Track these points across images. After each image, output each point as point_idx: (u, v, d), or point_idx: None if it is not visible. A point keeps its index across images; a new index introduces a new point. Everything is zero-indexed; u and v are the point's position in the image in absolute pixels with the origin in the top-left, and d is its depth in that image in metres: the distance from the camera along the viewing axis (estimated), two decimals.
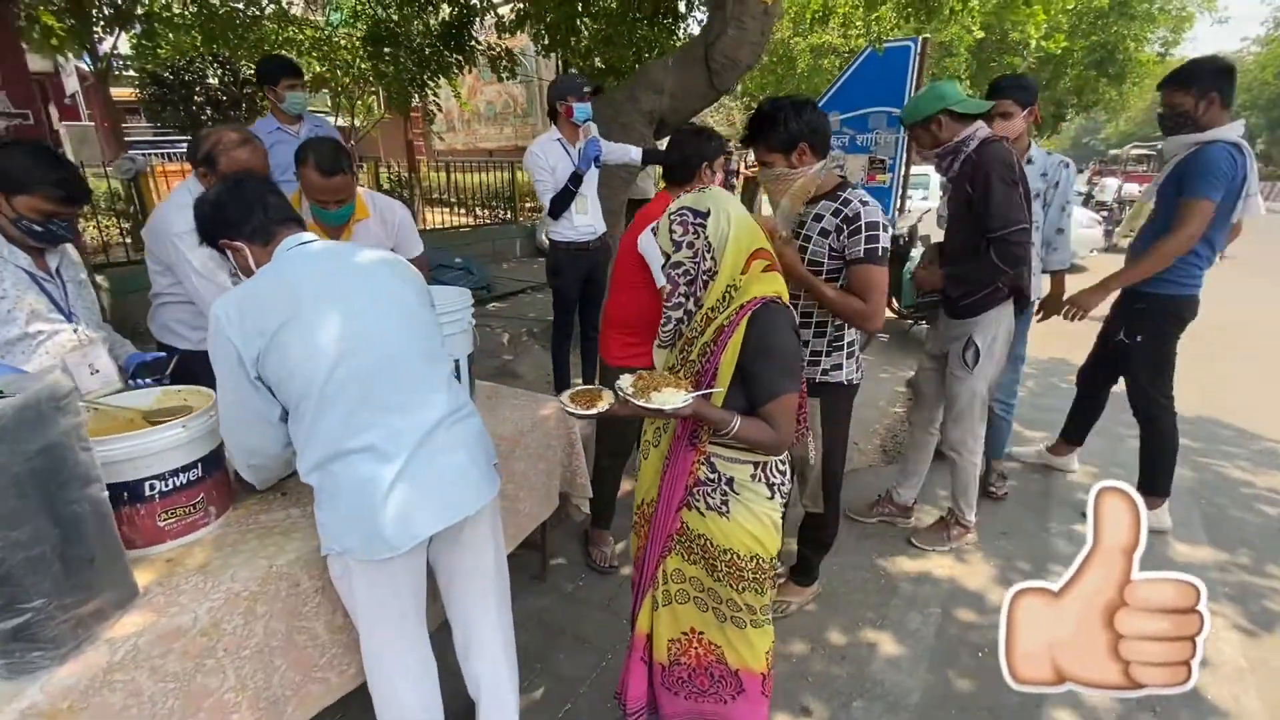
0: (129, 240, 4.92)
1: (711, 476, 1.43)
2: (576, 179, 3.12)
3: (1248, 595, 2.34)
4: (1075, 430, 3.14)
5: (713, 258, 1.34)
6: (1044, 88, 17.01)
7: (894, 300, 5.28)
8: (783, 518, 1.52)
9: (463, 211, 9.21)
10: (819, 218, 1.84)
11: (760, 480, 1.43)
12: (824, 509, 2.10)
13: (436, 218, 8.50)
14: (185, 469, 1.37)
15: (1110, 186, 11.56)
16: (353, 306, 1.28)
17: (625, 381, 1.32)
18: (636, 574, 1.59)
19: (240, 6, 6.29)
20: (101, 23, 5.57)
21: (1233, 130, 2.35)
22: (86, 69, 5.79)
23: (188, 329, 2.11)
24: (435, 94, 7.29)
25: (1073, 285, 2.82)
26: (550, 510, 2.28)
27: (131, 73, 6.63)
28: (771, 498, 1.46)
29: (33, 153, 1.59)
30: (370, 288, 1.33)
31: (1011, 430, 3.07)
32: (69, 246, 1.81)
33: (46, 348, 1.66)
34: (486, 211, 8.98)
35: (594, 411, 1.35)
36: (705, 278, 1.35)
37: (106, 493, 1.12)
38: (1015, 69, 16.33)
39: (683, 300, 1.37)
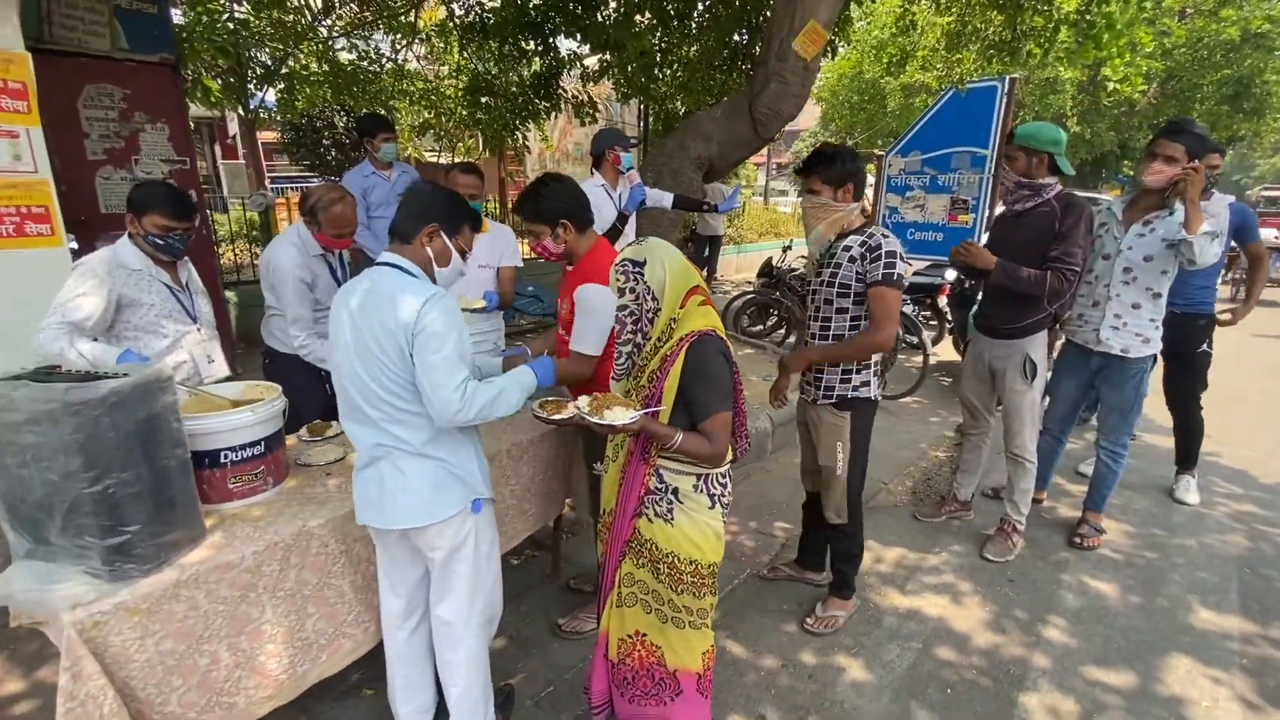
0: (256, 264, 5.79)
1: (659, 486, 1.66)
2: (623, 219, 3.40)
3: (1266, 669, 2.21)
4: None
5: (654, 298, 1.59)
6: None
7: (960, 340, 5.24)
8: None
9: None
10: (848, 249, 2.13)
11: (702, 491, 1.65)
12: (848, 519, 2.32)
13: (520, 248, 9.17)
14: (251, 445, 1.77)
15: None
16: (345, 326, 1.56)
17: (583, 401, 1.58)
18: (601, 577, 1.83)
19: (364, 65, 7.26)
20: (253, 81, 6.68)
21: None
22: (242, 115, 6.90)
23: (285, 335, 2.61)
24: (525, 137, 7.98)
25: None
26: (556, 512, 2.56)
27: (276, 119, 7.86)
28: (712, 507, 1.66)
29: (154, 185, 2.18)
30: (357, 318, 1.55)
31: (1117, 484, 3.02)
32: (190, 264, 2.34)
33: (180, 344, 2.24)
34: None
35: (559, 418, 1.61)
36: (650, 314, 1.61)
37: (189, 455, 1.52)
38: (1134, 105, 15.38)
39: (631, 336, 1.63)
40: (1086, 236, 2.51)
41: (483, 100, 7.43)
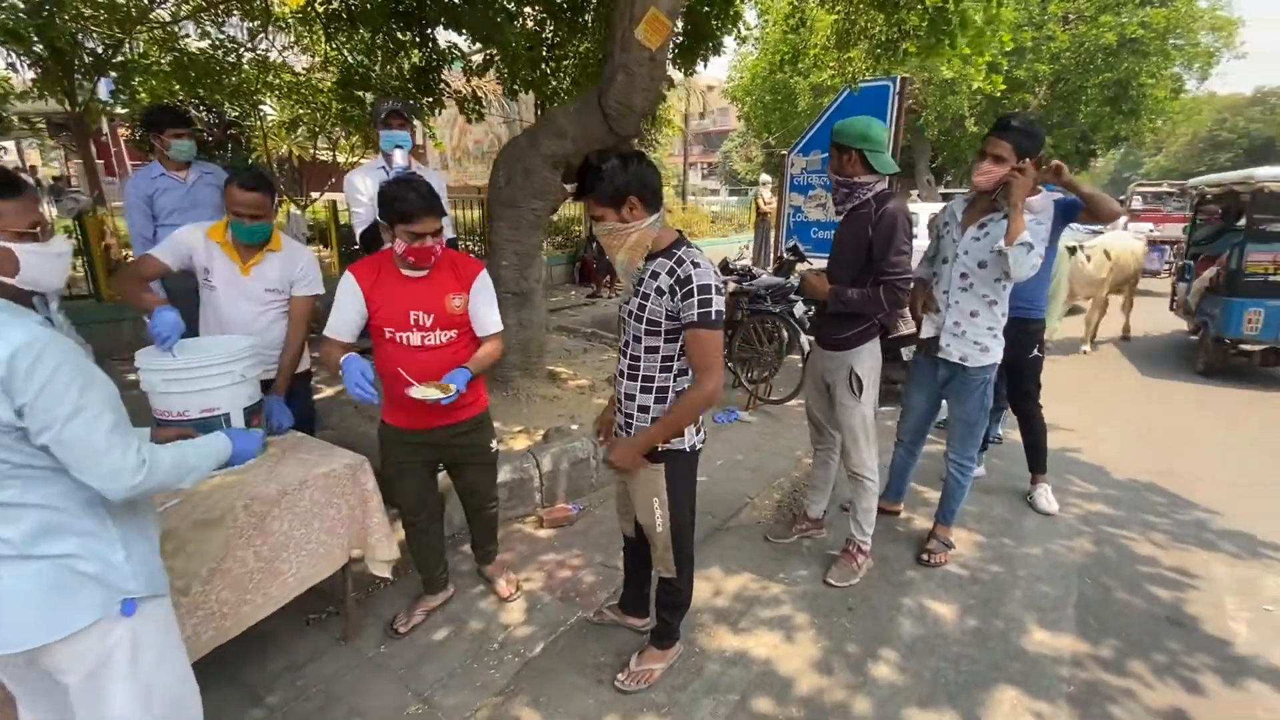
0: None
1: None
2: None
3: (1093, 697, 2.09)
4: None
5: None
6: (1059, 125, 16.71)
7: None
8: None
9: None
10: (655, 275, 1.78)
11: None
12: (675, 574, 2.05)
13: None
14: None
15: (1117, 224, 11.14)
16: None
17: None
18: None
19: (218, 55, 6.59)
20: (81, 72, 5.93)
21: None
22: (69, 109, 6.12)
23: None
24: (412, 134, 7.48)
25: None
26: (332, 569, 2.19)
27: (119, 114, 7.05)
28: None
29: None
30: None
31: (965, 496, 2.86)
32: None
33: None
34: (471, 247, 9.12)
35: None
36: None
37: None
38: (1027, 105, 16.13)
39: None
40: (906, 239, 2.33)
41: (358, 95, 6.90)
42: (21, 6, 4.65)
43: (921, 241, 3.10)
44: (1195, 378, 5.83)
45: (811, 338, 2.90)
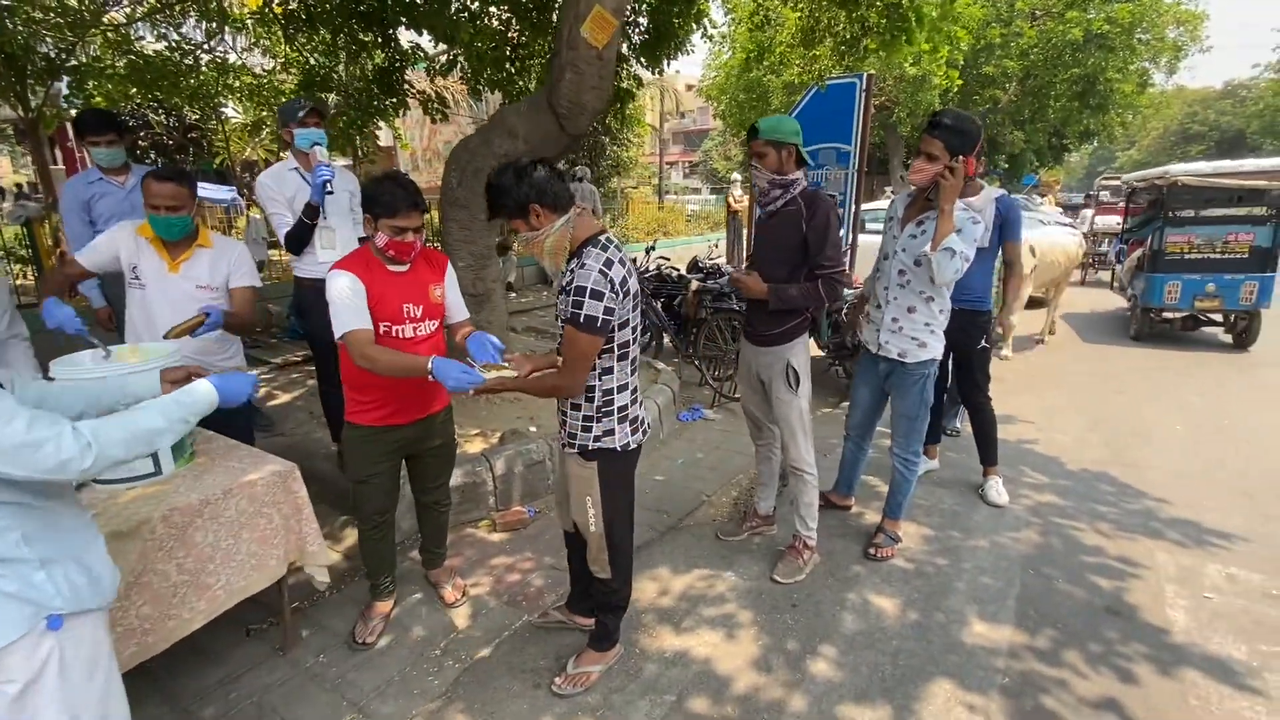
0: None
1: None
2: (311, 210, 2.82)
3: (1025, 688, 2.11)
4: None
5: None
6: (1030, 120, 16.91)
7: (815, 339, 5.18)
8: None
9: None
10: (565, 275, 1.83)
11: None
12: (610, 575, 2.05)
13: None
14: None
15: (1085, 218, 11.30)
16: None
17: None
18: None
19: (175, 57, 6.48)
20: (33, 76, 5.80)
21: None
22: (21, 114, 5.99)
23: None
24: (376, 137, 7.40)
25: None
26: (267, 581, 2.15)
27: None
28: None
29: None
30: None
31: (913, 490, 2.88)
32: None
33: None
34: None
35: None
36: None
37: None
38: (998, 101, 16.31)
39: None
40: (839, 231, 2.37)
41: (320, 96, 6.80)
42: None
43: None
44: (1129, 342, 6.87)
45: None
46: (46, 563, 1.29)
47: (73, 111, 6.60)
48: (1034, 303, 6.82)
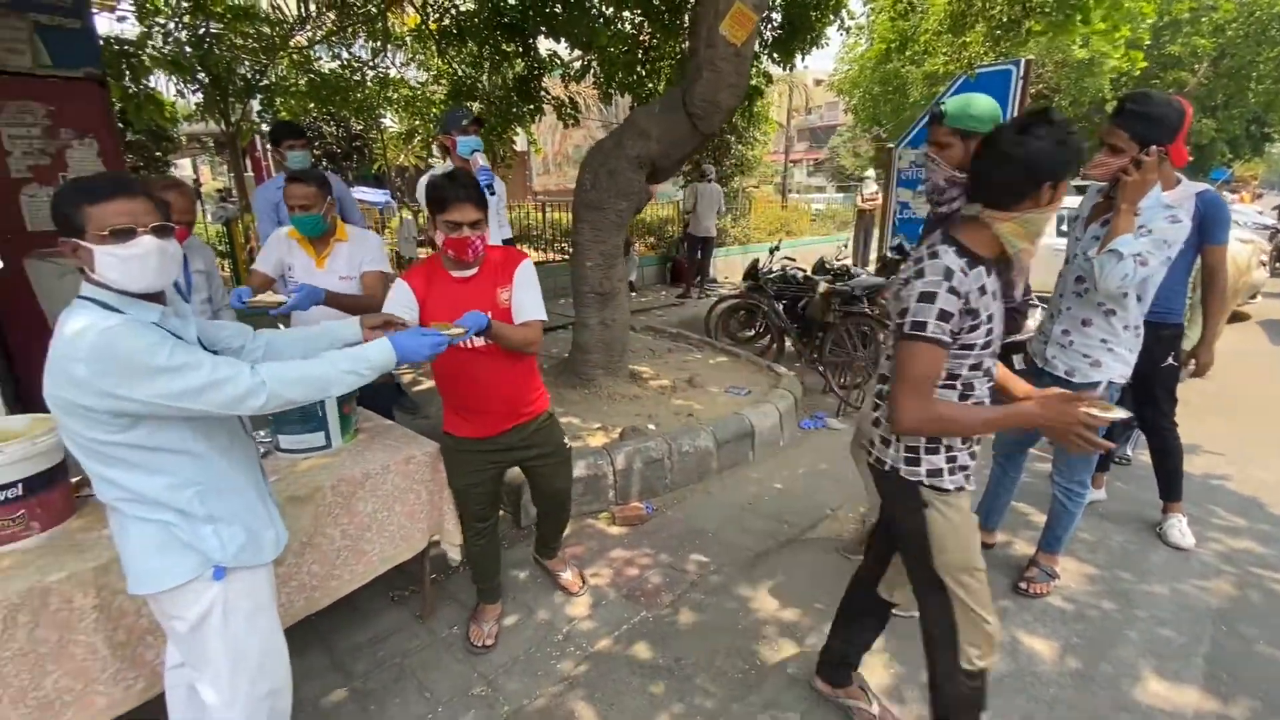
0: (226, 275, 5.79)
1: None
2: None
3: None
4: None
5: None
6: (1224, 107, 14.63)
7: None
8: None
9: (541, 247, 9.73)
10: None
11: None
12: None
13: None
14: (4, 487, 1.62)
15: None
16: None
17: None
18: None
19: (345, 74, 7.24)
20: (233, 94, 6.74)
21: None
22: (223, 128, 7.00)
23: None
24: (513, 141, 7.84)
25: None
26: (412, 552, 2.34)
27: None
28: None
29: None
30: None
31: (1075, 524, 2.58)
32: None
33: None
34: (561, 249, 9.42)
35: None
36: None
37: None
38: (1184, 85, 14.25)
39: None
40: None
41: (467, 105, 7.31)
42: (184, 40, 5.38)
43: (1048, 241, 2.81)
44: None
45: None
46: (213, 519, 1.45)
47: (263, 126, 7.57)
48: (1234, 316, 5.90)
